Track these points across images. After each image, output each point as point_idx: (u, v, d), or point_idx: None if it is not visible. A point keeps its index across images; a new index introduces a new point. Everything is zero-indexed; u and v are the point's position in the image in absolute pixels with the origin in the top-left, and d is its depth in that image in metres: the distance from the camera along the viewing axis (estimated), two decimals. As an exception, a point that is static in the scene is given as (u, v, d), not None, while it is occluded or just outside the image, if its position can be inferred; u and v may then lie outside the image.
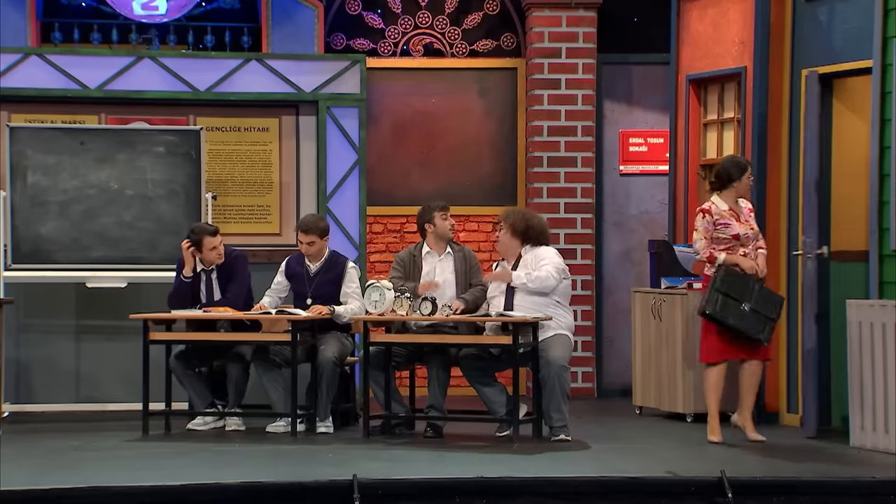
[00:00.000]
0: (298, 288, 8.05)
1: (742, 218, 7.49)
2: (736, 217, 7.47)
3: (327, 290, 7.97)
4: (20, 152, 8.60)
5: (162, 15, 9.49)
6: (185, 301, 8.06)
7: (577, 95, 9.85)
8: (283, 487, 6.01)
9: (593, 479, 6.22)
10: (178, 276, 8.11)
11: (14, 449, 7.20)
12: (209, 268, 8.12)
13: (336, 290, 8.00)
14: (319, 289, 7.97)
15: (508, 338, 7.41)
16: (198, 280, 8.09)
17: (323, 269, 8.02)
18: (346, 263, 8.09)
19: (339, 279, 7.99)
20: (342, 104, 9.20)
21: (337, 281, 7.99)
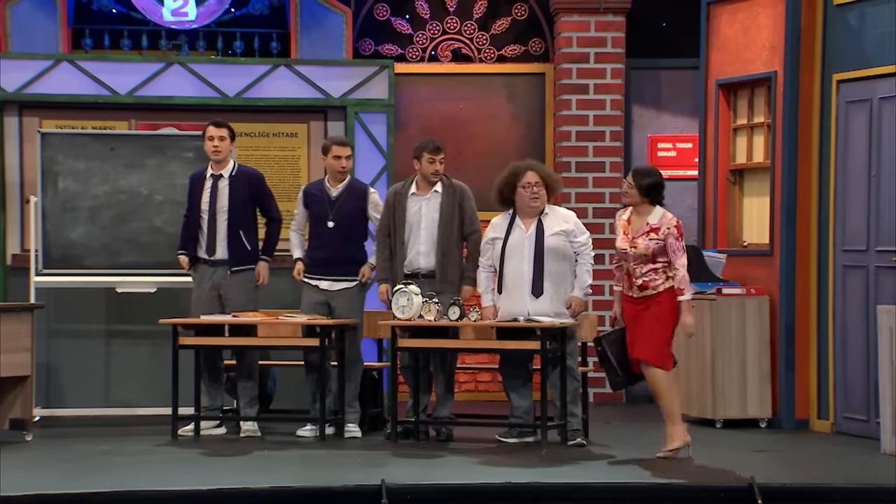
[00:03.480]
0: (319, 211, 7.99)
1: (631, 233, 7.14)
2: (625, 230, 7.18)
3: (349, 212, 7.96)
4: (51, 158, 8.66)
5: (192, 21, 9.55)
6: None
7: (606, 100, 9.84)
8: (312, 492, 6.02)
9: (621, 485, 6.20)
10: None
11: (44, 453, 7.24)
12: (218, 172, 8.08)
13: (358, 214, 7.99)
14: (341, 212, 7.95)
15: (536, 343, 7.40)
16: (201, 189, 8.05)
17: (344, 192, 8.00)
18: (367, 188, 8.10)
19: (360, 202, 7.98)
20: (370, 110, 9.22)
21: (359, 206, 7.97)
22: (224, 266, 8.04)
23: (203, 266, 8.08)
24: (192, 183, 8.17)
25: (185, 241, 8.16)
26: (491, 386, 9.69)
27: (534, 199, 7.55)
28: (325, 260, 7.96)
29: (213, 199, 8.02)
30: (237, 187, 8.04)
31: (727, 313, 8.38)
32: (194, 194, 8.11)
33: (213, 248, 8.03)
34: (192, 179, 8.20)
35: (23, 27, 9.29)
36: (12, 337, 7.65)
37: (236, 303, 8.01)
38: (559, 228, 7.54)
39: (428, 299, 7.59)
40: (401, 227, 7.86)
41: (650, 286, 7.05)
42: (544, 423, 7.42)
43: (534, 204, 7.55)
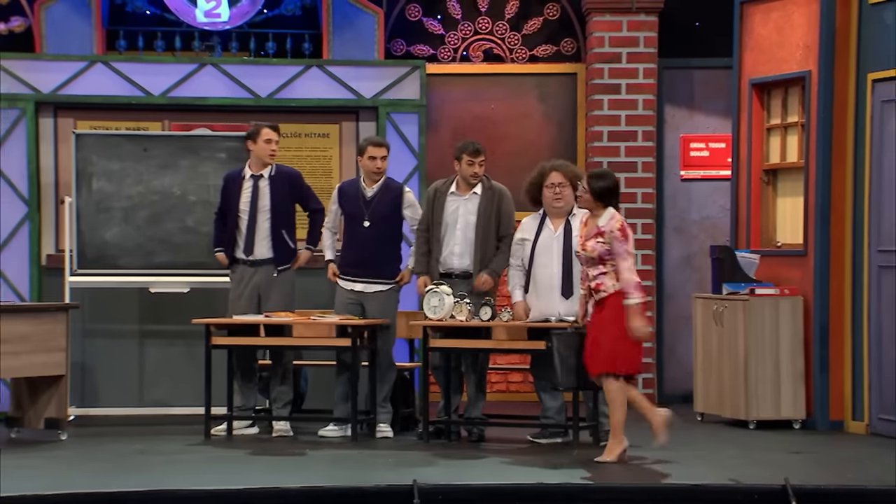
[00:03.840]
0: (354, 210, 7.99)
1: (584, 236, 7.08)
2: (581, 232, 7.18)
3: (385, 212, 7.97)
4: (85, 158, 8.72)
5: (224, 22, 9.59)
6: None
7: (638, 100, 9.80)
8: (344, 492, 6.03)
9: (654, 486, 6.18)
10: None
11: (79, 452, 7.29)
12: (258, 173, 8.09)
13: (393, 214, 8.00)
14: (377, 212, 7.96)
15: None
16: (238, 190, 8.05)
17: (379, 192, 8.00)
18: (403, 187, 8.11)
19: (396, 202, 7.98)
20: (402, 110, 9.23)
21: (394, 205, 7.98)
22: (266, 265, 8.04)
23: (242, 266, 8.09)
24: (227, 183, 8.18)
25: (220, 239, 8.17)
26: (522, 386, 9.67)
27: (556, 199, 7.54)
28: (359, 261, 7.97)
29: (255, 200, 8.02)
30: (278, 187, 8.06)
31: (760, 314, 8.34)
32: (231, 194, 8.12)
33: (252, 248, 8.03)
34: (227, 179, 8.21)
35: (58, 29, 9.36)
36: (47, 337, 7.71)
37: (276, 303, 8.03)
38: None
39: (459, 300, 7.59)
40: (437, 226, 7.87)
41: (601, 289, 7.02)
42: (576, 423, 7.41)
43: (557, 204, 7.55)
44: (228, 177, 8.22)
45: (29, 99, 8.94)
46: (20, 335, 7.58)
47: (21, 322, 7.60)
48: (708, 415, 8.69)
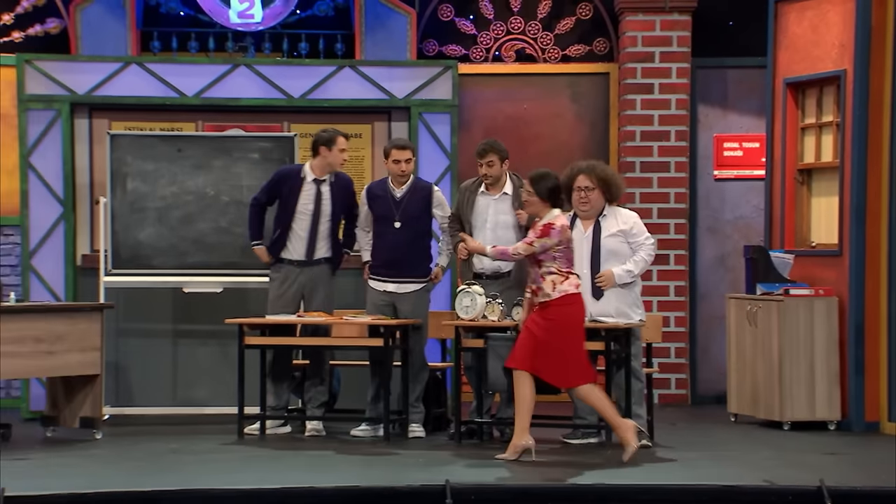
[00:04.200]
0: (384, 212, 7.98)
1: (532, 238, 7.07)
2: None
3: (414, 213, 7.96)
4: (120, 159, 8.77)
5: (257, 23, 9.62)
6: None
7: (671, 100, 9.77)
8: (377, 492, 6.04)
9: (687, 486, 6.15)
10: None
11: (114, 451, 7.34)
12: (322, 177, 8.08)
13: (423, 214, 8.00)
14: (407, 212, 7.96)
15: (601, 344, 7.37)
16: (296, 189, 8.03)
17: (409, 192, 8.00)
18: (432, 187, 8.10)
19: (425, 202, 7.98)
20: (434, 110, 9.24)
21: (424, 205, 7.97)
22: (317, 266, 8.05)
23: (288, 266, 8.08)
24: (283, 179, 8.08)
25: (259, 232, 8.14)
26: (555, 387, 9.65)
27: (582, 203, 7.53)
28: (391, 261, 7.97)
29: (318, 204, 8.02)
30: (337, 193, 8.07)
31: (795, 314, 8.29)
32: (288, 193, 8.04)
33: (313, 251, 8.04)
34: (283, 176, 8.10)
35: (93, 30, 9.42)
36: (82, 336, 7.76)
37: (321, 303, 8.05)
38: (616, 229, 7.50)
39: (491, 300, 7.58)
40: (466, 226, 7.87)
41: (540, 292, 7.01)
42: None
43: (583, 208, 7.54)
44: (286, 174, 8.12)
45: (64, 100, 9.00)
46: (56, 335, 7.64)
47: (57, 322, 7.66)
48: (742, 416, 8.65)
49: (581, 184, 7.51)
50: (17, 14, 9.73)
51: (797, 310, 8.30)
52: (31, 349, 7.53)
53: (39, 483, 6.20)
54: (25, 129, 8.99)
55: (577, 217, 7.58)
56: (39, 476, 6.53)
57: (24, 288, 8.95)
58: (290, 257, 8.06)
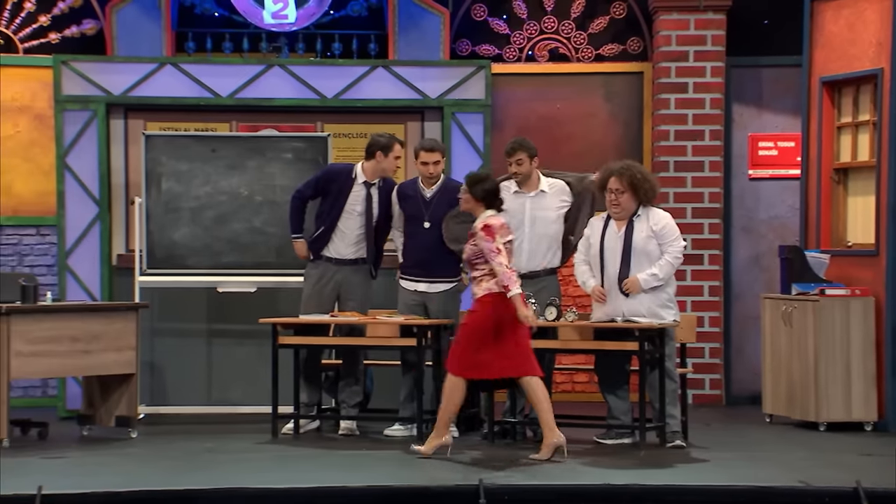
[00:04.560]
0: (414, 212, 7.98)
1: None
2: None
3: (444, 213, 7.93)
4: (155, 159, 8.82)
5: (291, 23, 9.66)
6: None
7: (705, 99, 9.72)
8: (410, 491, 6.04)
9: (722, 487, 6.13)
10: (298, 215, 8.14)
11: (150, 450, 7.38)
12: (373, 181, 8.06)
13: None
14: (437, 212, 7.95)
15: (635, 344, 7.35)
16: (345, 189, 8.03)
17: (439, 192, 7.99)
18: (462, 186, 8.08)
19: (455, 201, 7.91)
20: (467, 110, 9.24)
21: (454, 204, 7.92)
22: (356, 265, 8.07)
23: (327, 264, 8.09)
24: (332, 178, 8.07)
25: (299, 226, 8.13)
26: (588, 387, 9.63)
27: (613, 205, 7.51)
28: (422, 261, 7.98)
29: (369, 207, 8.03)
30: (384, 197, 8.09)
31: (831, 314, 8.24)
32: (338, 193, 8.02)
33: (353, 251, 8.05)
34: (333, 175, 8.09)
35: (128, 31, 9.48)
36: (118, 336, 7.81)
37: (358, 302, 8.08)
38: (648, 230, 7.47)
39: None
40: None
41: (474, 292, 7.06)
42: (643, 424, 7.37)
43: (614, 210, 7.52)
44: (336, 172, 8.10)
45: (100, 101, 9.06)
46: (92, 334, 7.69)
47: (93, 321, 7.71)
48: (777, 416, 8.60)
49: (612, 186, 7.50)
50: (54, 15, 9.81)
51: (833, 310, 8.24)
52: (67, 348, 7.59)
53: (76, 481, 6.24)
54: (62, 129, 9.06)
55: (610, 217, 7.56)
56: (76, 474, 6.57)
57: (61, 288, 9.02)
58: (331, 255, 8.08)
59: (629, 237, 7.48)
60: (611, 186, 7.50)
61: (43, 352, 7.48)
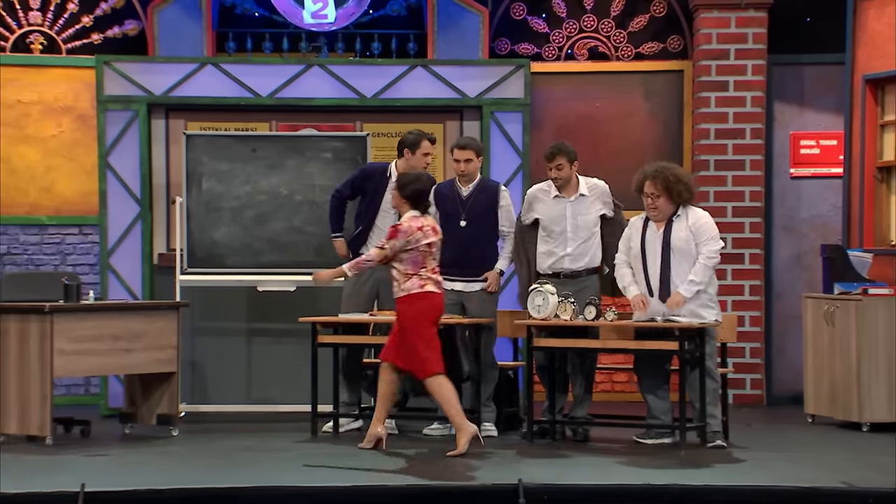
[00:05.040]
0: (451, 210, 7.98)
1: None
2: None
3: (480, 212, 7.94)
4: (196, 159, 8.87)
5: (331, 23, 9.68)
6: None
7: (746, 97, 9.66)
8: (449, 490, 6.05)
9: (764, 488, 6.09)
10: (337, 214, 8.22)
11: (190, 448, 7.42)
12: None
13: (489, 213, 7.96)
14: (473, 211, 7.95)
15: (675, 344, 7.31)
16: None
17: (475, 191, 7.98)
18: (499, 186, 8.06)
19: (492, 201, 7.95)
20: (506, 109, 9.22)
21: (490, 203, 7.95)
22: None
23: None
24: (368, 177, 8.13)
25: (339, 225, 8.18)
26: (627, 387, 9.60)
27: (651, 209, 7.50)
28: (458, 261, 7.97)
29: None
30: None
31: (874, 314, 8.16)
32: (373, 191, 8.07)
33: None
34: (369, 174, 8.15)
35: (170, 31, 9.54)
36: (159, 334, 7.86)
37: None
38: (686, 229, 7.44)
39: (564, 299, 7.56)
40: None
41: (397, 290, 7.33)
42: (683, 424, 7.33)
43: (651, 213, 7.51)
44: (372, 172, 8.15)
45: (141, 101, 9.13)
46: (133, 333, 7.74)
47: (134, 320, 7.77)
48: (819, 416, 8.53)
49: (647, 190, 7.49)
50: (97, 16, 9.89)
51: (876, 309, 8.17)
52: (109, 347, 7.65)
53: (118, 479, 6.29)
54: (104, 129, 9.13)
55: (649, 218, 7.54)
56: (118, 472, 6.62)
57: (103, 286, 9.09)
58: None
59: (668, 237, 7.45)
60: (646, 191, 7.49)
61: (85, 350, 7.54)
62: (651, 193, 7.47)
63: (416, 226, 7.30)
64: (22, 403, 7.46)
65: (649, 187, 7.48)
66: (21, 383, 7.46)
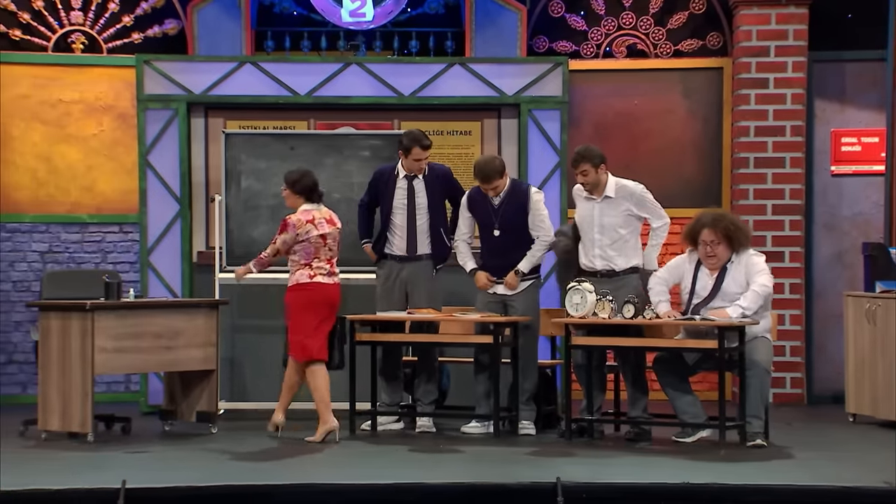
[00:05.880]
0: (483, 219, 7.98)
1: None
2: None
3: (514, 219, 7.91)
4: (234, 157, 8.91)
5: (369, 21, 9.69)
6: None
7: (786, 94, 9.59)
8: (487, 488, 6.04)
9: (804, 487, 6.04)
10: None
11: (229, 445, 7.46)
12: (411, 174, 8.10)
13: (522, 219, 7.93)
14: (506, 218, 7.91)
15: (714, 342, 7.27)
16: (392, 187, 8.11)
17: (506, 198, 7.95)
18: (529, 190, 8.00)
19: (524, 206, 7.92)
20: (544, 107, 9.20)
21: (522, 209, 7.92)
22: (420, 261, 8.09)
23: (391, 261, 8.14)
24: (378, 178, 8.18)
25: (366, 231, 8.24)
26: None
27: (709, 257, 7.48)
28: (497, 267, 7.96)
29: (412, 199, 8.07)
30: (433, 186, 8.08)
31: (916, 313, 8.09)
32: (383, 191, 8.12)
33: (413, 246, 8.08)
34: (379, 175, 8.20)
35: (209, 30, 9.59)
36: (199, 332, 7.90)
37: (423, 298, 8.08)
38: (742, 276, 7.41)
39: (602, 297, 7.53)
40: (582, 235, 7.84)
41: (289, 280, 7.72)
42: (722, 422, 7.28)
43: (710, 262, 7.48)
44: (380, 173, 8.22)
45: (181, 100, 9.18)
46: (173, 330, 7.79)
47: (174, 317, 7.81)
48: (860, 416, 8.46)
49: (706, 238, 7.46)
50: (137, 16, 9.96)
51: (918, 308, 8.09)
52: (149, 344, 7.70)
53: (158, 476, 6.33)
54: (144, 128, 9.19)
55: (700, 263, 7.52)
56: (158, 469, 6.67)
57: (143, 284, 9.15)
58: (392, 252, 8.13)
59: (719, 283, 7.43)
60: (704, 238, 7.46)
61: (126, 348, 7.60)
62: (711, 241, 7.44)
63: (306, 219, 7.62)
64: (64, 400, 7.52)
65: (708, 235, 7.45)
66: (63, 380, 7.52)
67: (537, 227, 7.95)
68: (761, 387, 7.35)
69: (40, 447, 7.37)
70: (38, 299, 8.33)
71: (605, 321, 7.53)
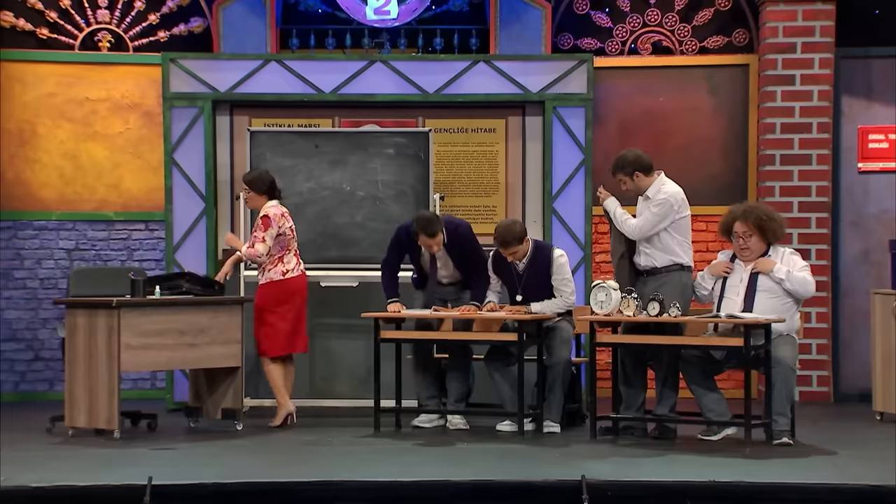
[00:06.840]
0: (508, 282, 8.02)
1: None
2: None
3: (537, 283, 7.91)
4: (260, 155, 8.93)
5: (393, 19, 9.70)
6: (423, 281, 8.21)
7: (813, 91, 9.54)
8: (512, 486, 6.04)
9: (830, 486, 6.01)
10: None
11: (254, 442, 7.48)
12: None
13: (546, 283, 7.94)
14: (529, 284, 7.92)
15: (740, 340, 7.24)
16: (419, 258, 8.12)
17: (529, 264, 7.97)
18: (552, 253, 7.99)
19: (546, 271, 7.92)
20: (568, 104, 9.19)
21: (545, 273, 7.92)
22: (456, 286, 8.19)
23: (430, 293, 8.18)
24: (402, 239, 8.05)
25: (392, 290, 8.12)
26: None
27: (742, 249, 7.48)
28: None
29: (434, 268, 8.08)
30: (454, 253, 8.06)
31: (944, 311, 8.03)
32: (411, 253, 8.09)
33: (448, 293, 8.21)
34: (396, 240, 8.09)
35: (234, 29, 9.61)
36: (224, 329, 7.93)
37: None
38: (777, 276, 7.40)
39: (626, 294, 7.51)
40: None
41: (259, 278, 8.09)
42: (748, 421, 7.25)
43: (743, 254, 7.48)
44: (399, 237, 8.10)
45: (206, 97, 9.20)
46: (199, 328, 7.82)
47: (199, 315, 7.84)
48: (888, 414, 8.41)
49: (738, 230, 7.45)
50: (163, 14, 10.00)
51: (946, 306, 8.04)
52: (175, 341, 7.73)
53: (184, 472, 6.36)
54: (170, 126, 9.22)
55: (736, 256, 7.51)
56: (184, 465, 6.69)
57: (168, 282, 9.17)
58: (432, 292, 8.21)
59: (755, 277, 7.41)
60: (737, 230, 7.44)
61: (152, 345, 7.63)
62: (743, 233, 7.42)
63: (279, 212, 8.03)
64: (90, 397, 7.56)
65: (740, 227, 7.43)
66: (89, 377, 7.56)
67: (560, 291, 7.94)
68: (787, 385, 7.31)
69: (67, 444, 7.41)
70: (65, 296, 8.38)
71: (630, 318, 7.50)
